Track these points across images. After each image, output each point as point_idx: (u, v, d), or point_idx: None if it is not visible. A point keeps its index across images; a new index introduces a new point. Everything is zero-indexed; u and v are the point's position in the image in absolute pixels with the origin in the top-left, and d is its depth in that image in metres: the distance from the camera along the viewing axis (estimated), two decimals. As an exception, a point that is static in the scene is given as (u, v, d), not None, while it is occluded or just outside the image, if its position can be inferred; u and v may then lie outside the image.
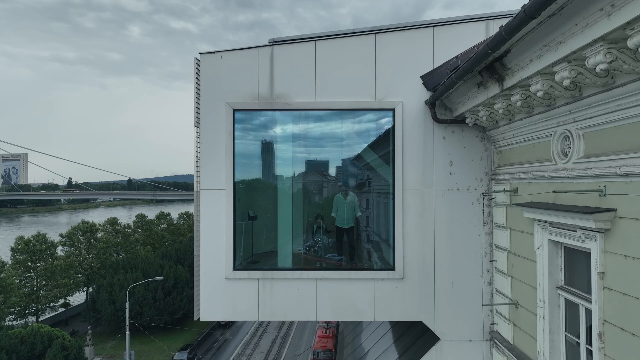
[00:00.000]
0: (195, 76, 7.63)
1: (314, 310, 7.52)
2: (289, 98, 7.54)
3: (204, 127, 7.63)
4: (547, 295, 5.69)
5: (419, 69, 7.52)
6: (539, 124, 5.70)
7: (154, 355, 41.28)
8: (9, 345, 27.98)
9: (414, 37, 7.55)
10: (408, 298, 7.49)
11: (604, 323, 4.52)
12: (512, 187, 6.71)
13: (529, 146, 6.18)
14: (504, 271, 7.01)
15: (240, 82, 7.60)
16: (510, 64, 5.03)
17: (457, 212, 7.50)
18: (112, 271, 48.72)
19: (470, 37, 7.42)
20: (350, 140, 8.00)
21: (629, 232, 4.16)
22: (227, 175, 7.56)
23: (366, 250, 8.12)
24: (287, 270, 7.65)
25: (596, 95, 4.36)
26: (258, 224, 7.91)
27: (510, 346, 6.80)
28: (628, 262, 4.17)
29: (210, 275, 7.60)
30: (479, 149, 7.47)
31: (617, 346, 4.35)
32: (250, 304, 7.56)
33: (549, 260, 5.64)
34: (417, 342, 8.36)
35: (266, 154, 7.97)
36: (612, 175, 4.32)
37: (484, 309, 7.34)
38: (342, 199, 7.86)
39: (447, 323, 7.48)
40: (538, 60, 4.49)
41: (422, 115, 7.49)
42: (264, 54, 7.58)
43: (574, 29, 3.74)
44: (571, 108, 4.86)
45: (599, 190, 4.53)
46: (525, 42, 4.41)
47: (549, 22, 3.91)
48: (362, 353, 11.10)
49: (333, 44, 7.60)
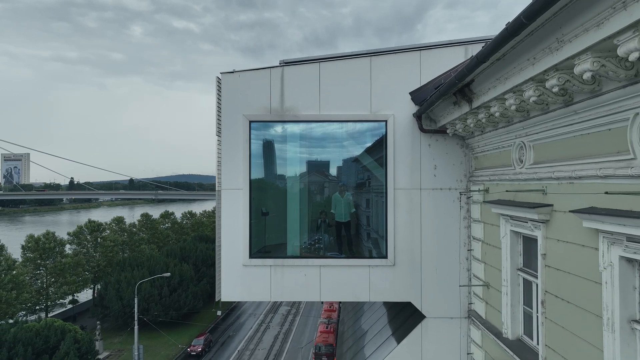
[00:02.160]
0: (216, 92, 8.92)
1: (318, 292, 8.82)
2: (297, 111, 8.83)
3: (224, 135, 8.92)
4: (509, 275, 6.99)
5: (408, 86, 8.80)
6: (502, 136, 6.98)
7: (161, 350, 42.62)
8: (25, 338, 29.33)
9: (404, 59, 8.84)
10: (398, 282, 8.77)
11: (545, 293, 5.81)
12: (484, 187, 8.00)
13: (497, 153, 7.46)
14: (478, 258, 8.30)
15: (255, 97, 8.88)
16: (475, 89, 6.32)
17: (441, 209, 8.78)
18: (119, 269, 50.09)
19: (452, 59, 8.70)
20: (349, 147, 9.29)
21: (561, 222, 5.44)
22: (244, 177, 8.86)
23: (362, 241, 9.40)
24: (295, 258, 8.95)
25: (538, 116, 5.65)
26: (270, 219, 9.20)
27: (484, 321, 8.08)
28: (560, 245, 5.45)
29: (230, 262, 8.88)
30: (458, 155, 8.76)
31: (554, 310, 5.64)
32: (263, 286, 8.85)
33: (510, 247, 6.93)
34: (407, 322, 9.64)
35: (277, 158, 9.26)
36: (550, 178, 5.61)
37: (462, 290, 8.63)
38: (339, 197, 9.15)
39: (432, 303, 8.77)
40: (494, 89, 5.78)
41: (410, 125, 8.78)
42: (275, 73, 8.87)
43: (513, 70, 5.04)
44: (523, 125, 6.15)
45: (542, 190, 5.83)
46: (483, 75, 5.70)
47: (497, 64, 5.20)
48: (361, 334, 12.39)
49: (334, 65, 8.88)
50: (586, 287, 4.85)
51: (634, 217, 3.93)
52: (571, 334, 5.20)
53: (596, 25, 3.53)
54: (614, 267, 4.35)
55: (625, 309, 4.29)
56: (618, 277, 4.31)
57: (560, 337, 5.48)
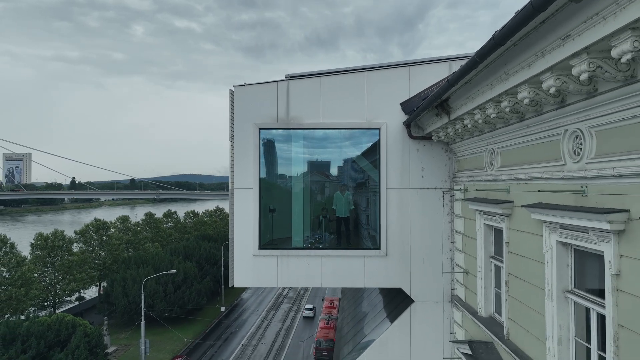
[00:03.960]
0: (230, 103, 10.11)
1: (320, 279, 10.01)
2: (301, 119, 10.01)
3: (237, 141, 10.11)
4: (483, 262, 8.18)
5: (398, 97, 9.98)
6: (477, 142, 8.17)
7: (166, 345, 43.88)
8: (38, 331, 30.60)
9: (395, 73, 10.02)
10: (390, 270, 9.96)
11: (508, 275, 7.00)
12: (465, 187, 9.18)
13: (474, 157, 8.65)
14: (460, 248, 9.49)
15: (264, 107, 10.07)
16: (452, 105, 7.51)
17: (427, 206, 9.97)
18: (124, 266, 51.36)
19: (438, 73, 9.89)
20: (347, 151, 10.48)
21: (519, 215, 6.62)
22: (254, 177, 10.04)
23: (359, 235, 10.59)
24: (299, 249, 10.14)
25: (502, 128, 6.83)
26: (277, 215, 10.39)
27: (464, 303, 9.27)
28: (519, 234, 6.63)
29: (242, 253, 10.07)
30: (443, 158, 9.95)
31: (514, 288, 6.82)
32: (271, 274, 10.04)
33: (484, 237, 8.12)
34: (399, 306, 10.84)
35: (283, 161, 10.45)
36: (512, 179, 6.80)
37: (446, 277, 9.82)
38: (340, 195, 10.35)
39: (420, 289, 9.96)
40: (465, 105, 6.97)
41: (400, 132, 9.96)
42: (282, 86, 10.06)
43: (477, 92, 6.23)
44: (492, 134, 7.33)
45: (506, 189, 7.01)
46: (456, 95, 6.89)
47: (465, 87, 6.39)
48: (360, 317, 13.59)
49: (334, 79, 10.07)
50: (535, 267, 6.04)
51: (563, 210, 5.11)
52: (525, 306, 6.40)
53: (527, 66, 4.73)
54: (553, 250, 5.54)
55: (561, 282, 5.48)
56: (555, 257, 5.49)
57: (518, 310, 6.67)
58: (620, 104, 4.15)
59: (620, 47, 3.48)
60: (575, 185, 5.04)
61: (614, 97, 4.18)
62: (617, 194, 4.37)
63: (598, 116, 4.54)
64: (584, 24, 3.67)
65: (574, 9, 3.63)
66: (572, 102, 4.84)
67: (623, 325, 4.30)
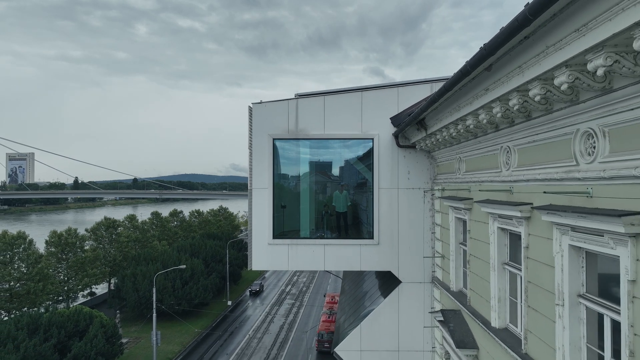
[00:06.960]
0: (248, 117, 12.17)
1: (323, 263, 12.07)
2: (308, 131, 12.07)
3: (254, 149, 12.17)
4: (454, 248, 10.23)
5: (389, 113, 12.03)
6: (450, 152, 10.21)
7: (176, 337, 46.04)
8: (58, 322, 32.80)
9: (386, 93, 12.08)
10: (382, 256, 12.01)
11: (469, 255, 9.06)
12: (442, 187, 11.22)
13: (448, 163, 10.70)
14: (438, 238, 11.54)
15: (277, 121, 12.12)
16: (428, 122, 9.56)
17: (413, 203, 12.02)
18: (134, 263, 53.53)
19: (421, 93, 11.93)
20: (346, 156, 12.54)
21: (477, 209, 8.66)
22: (269, 179, 12.10)
23: (355, 226, 12.66)
24: (306, 239, 12.20)
25: (465, 141, 8.87)
26: (287, 210, 12.46)
27: (441, 282, 11.32)
28: (477, 223, 8.68)
29: (259, 242, 12.13)
30: (425, 164, 12.00)
31: (473, 265, 8.86)
32: (283, 259, 12.11)
33: (455, 228, 10.18)
34: (390, 286, 12.90)
35: (292, 165, 12.51)
36: (472, 182, 8.84)
37: (427, 261, 11.88)
38: (339, 194, 12.42)
39: (406, 272, 12.01)
40: (437, 124, 9.02)
41: (390, 142, 12.01)
42: (292, 103, 12.11)
43: (444, 114, 8.29)
44: (459, 146, 9.38)
45: (467, 189, 9.06)
46: (429, 116, 8.95)
47: (433, 112, 8.44)
48: (358, 296, 15.67)
49: (335, 97, 12.13)
50: (484, 247, 8.09)
51: (501, 204, 7.14)
52: (477, 276, 8.45)
53: (489, 91, 6.79)
54: (495, 234, 7.58)
55: (501, 255, 7.52)
56: (497, 239, 7.53)
57: (475, 282, 8.72)
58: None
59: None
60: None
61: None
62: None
63: (527, 136, 6.58)
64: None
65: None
66: (514, 124, 6.88)
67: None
